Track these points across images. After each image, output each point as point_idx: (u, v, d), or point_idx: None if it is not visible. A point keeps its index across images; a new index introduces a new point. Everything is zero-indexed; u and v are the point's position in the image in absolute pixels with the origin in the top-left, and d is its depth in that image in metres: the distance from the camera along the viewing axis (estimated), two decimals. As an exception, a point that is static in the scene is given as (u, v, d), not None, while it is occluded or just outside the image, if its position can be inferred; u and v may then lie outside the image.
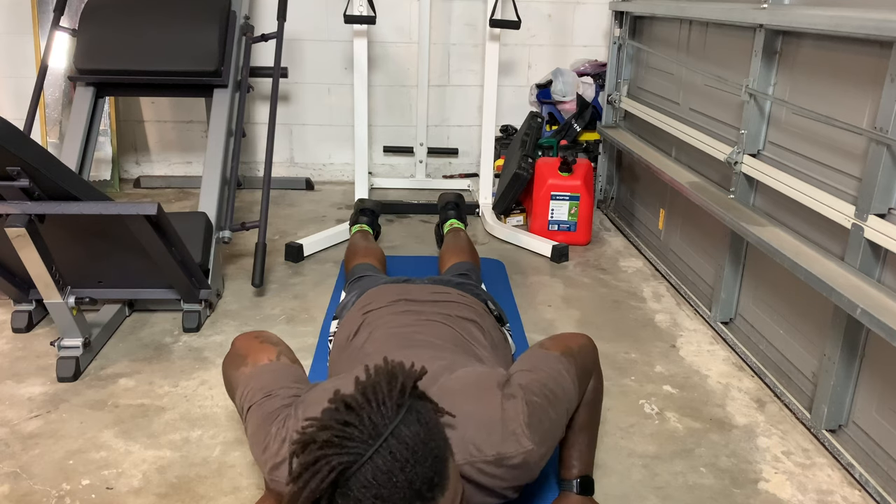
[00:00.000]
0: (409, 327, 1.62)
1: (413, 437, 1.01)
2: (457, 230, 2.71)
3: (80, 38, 2.76)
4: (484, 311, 1.81)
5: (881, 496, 1.60)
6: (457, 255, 2.43)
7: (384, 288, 1.85)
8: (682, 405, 1.96)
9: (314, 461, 1.00)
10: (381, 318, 1.68)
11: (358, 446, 0.99)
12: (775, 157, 2.12)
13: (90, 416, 1.85)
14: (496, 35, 3.25)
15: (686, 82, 2.74)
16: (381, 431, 1.00)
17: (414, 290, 1.82)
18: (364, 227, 2.78)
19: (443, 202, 2.95)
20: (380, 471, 0.98)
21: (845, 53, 1.81)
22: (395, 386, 1.06)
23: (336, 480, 0.99)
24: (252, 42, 2.87)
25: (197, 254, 2.29)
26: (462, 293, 1.83)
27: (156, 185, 3.87)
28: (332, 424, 1.02)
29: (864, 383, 1.74)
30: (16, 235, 1.77)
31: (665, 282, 2.79)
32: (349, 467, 0.99)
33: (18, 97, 3.74)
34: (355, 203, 3.02)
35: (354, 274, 2.23)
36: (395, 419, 1.01)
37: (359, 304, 1.82)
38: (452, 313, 1.70)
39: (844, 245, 1.76)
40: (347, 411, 1.03)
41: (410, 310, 1.70)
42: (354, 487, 0.98)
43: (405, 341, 1.55)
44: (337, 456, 0.99)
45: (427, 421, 1.05)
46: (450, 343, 1.56)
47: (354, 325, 1.71)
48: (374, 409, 1.02)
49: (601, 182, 3.66)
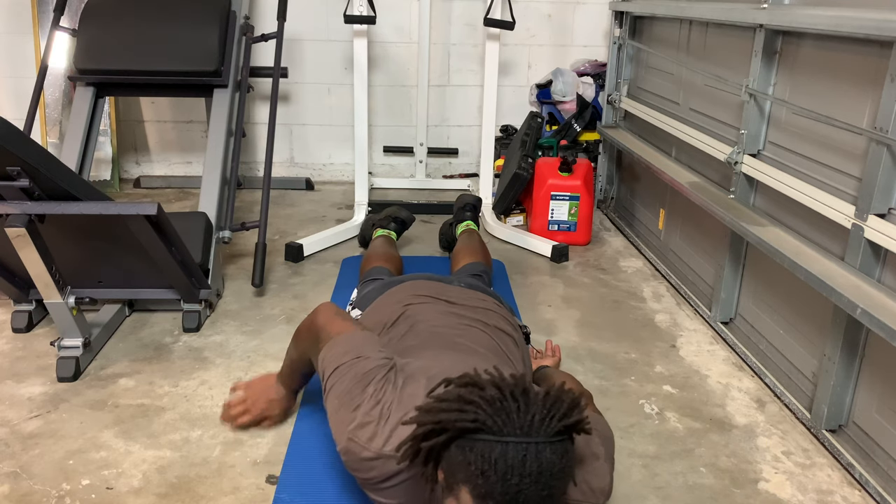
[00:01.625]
0: (451, 329, 1.60)
1: (548, 462, 1.02)
2: (471, 231, 2.69)
3: (80, 38, 2.76)
4: (517, 325, 1.81)
5: (881, 496, 1.60)
6: (471, 256, 2.42)
7: (422, 283, 1.84)
8: (682, 405, 1.96)
9: (469, 401, 1.04)
10: (424, 314, 1.66)
11: (507, 426, 1.02)
12: (775, 157, 2.12)
13: (90, 416, 1.85)
14: (496, 35, 3.25)
15: (686, 82, 2.74)
16: (531, 434, 1.02)
17: (453, 292, 1.80)
18: (391, 233, 2.73)
19: (461, 203, 2.89)
20: (504, 459, 1.00)
21: (845, 53, 1.81)
22: (570, 415, 1.07)
23: (469, 430, 1.02)
24: (252, 42, 2.87)
25: (197, 254, 2.29)
26: (498, 303, 1.83)
27: (156, 185, 3.87)
28: (504, 390, 1.06)
29: (864, 383, 1.74)
30: (16, 235, 1.77)
31: (665, 282, 2.79)
32: (486, 432, 1.02)
33: (18, 97, 3.74)
34: (391, 208, 2.87)
35: (371, 276, 2.22)
36: (548, 437, 1.03)
37: (396, 294, 1.79)
38: (490, 322, 1.69)
39: (844, 245, 1.76)
40: (523, 395, 1.06)
41: (452, 311, 1.69)
42: (475, 450, 1.02)
43: (447, 343, 1.54)
44: (486, 415, 1.03)
45: (567, 463, 1.06)
46: (490, 352, 1.55)
47: (393, 314, 1.69)
48: (542, 415, 1.04)
49: (601, 182, 3.66)
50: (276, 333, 2.29)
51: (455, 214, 2.90)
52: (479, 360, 1.46)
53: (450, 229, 2.90)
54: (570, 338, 2.32)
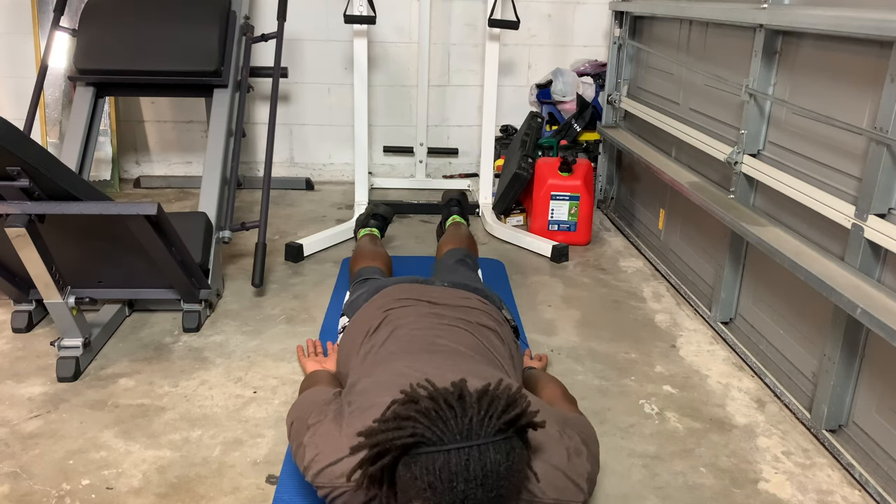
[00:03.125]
0: (432, 330, 1.61)
1: (492, 464, 1.02)
2: (458, 223, 2.71)
3: (80, 38, 2.76)
4: (502, 319, 1.82)
5: (881, 496, 1.60)
6: (454, 242, 2.44)
7: (404, 287, 1.85)
8: (682, 405, 1.96)
9: (405, 417, 1.05)
10: (404, 318, 1.67)
11: (446, 434, 1.02)
12: (775, 157, 2.12)
13: (90, 416, 1.85)
14: (496, 35, 3.25)
15: (686, 82, 2.74)
16: (471, 438, 1.02)
17: (435, 292, 1.81)
18: (374, 230, 2.76)
19: (446, 199, 2.94)
20: (448, 467, 1.01)
21: (845, 53, 1.81)
22: (510, 412, 1.07)
23: (409, 446, 1.03)
24: (252, 42, 2.87)
25: (197, 254, 2.29)
26: (482, 300, 1.83)
27: (156, 185, 3.87)
28: (439, 400, 1.06)
29: (864, 383, 1.74)
30: (16, 235, 1.77)
31: (665, 282, 2.79)
32: (427, 444, 1.02)
33: (18, 97, 3.74)
34: (367, 206, 2.96)
35: (360, 276, 2.22)
36: (489, 438, 1.03)
37: (377, 301, 1.81)
38: (473, 320, 1.70)
39: (844, 245, 1.76)
40: (458, 400, 1.06)
41: (433, 312, 1.70)
42: (419, 464, 1.02)
43: (428, 345, 1.55)
44: (424, 427, 1.03)
45: (514, 459, 1.05)
46: (472, 351, 1.56)
47: (374, 320, 1.70)
48: (479, 416, 1.04)
49: (601, 182, 3.66)
50: (276, 333, 2.29)
51: (442, 211, 2.93)
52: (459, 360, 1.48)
53: (440, 226, 2.93)
54: (570, 338, 2.32)
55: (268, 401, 1.93)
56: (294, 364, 2.11)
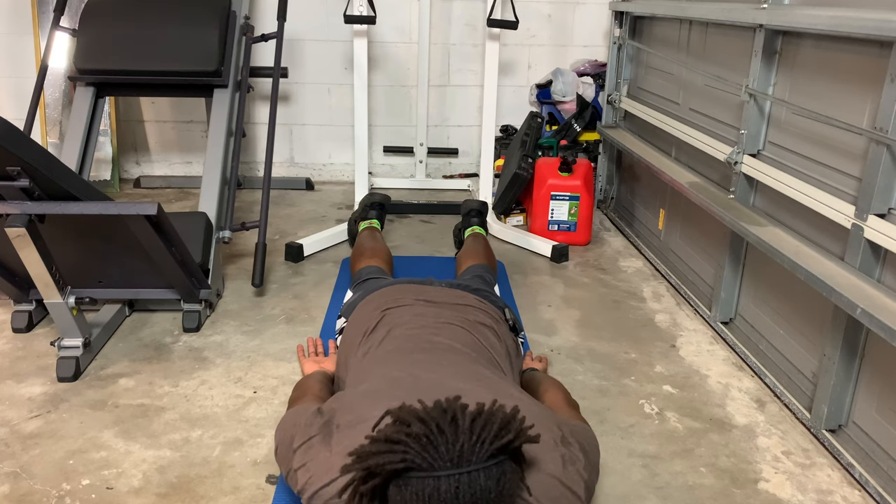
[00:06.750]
0: (429, 328, 1.62)
1: (483, 490, 1.01)
2: (477, 234, 2.71)
3: (80, 38, 2.76)
4: (500, 318, 1.82)
5: (881, 496, 1.60)
6: (474, 258, 2.43)
7: (402, 287, 1.85)
8: (682, 405, 1.97)
9: (396, 441, 1.03)
10: (401, 318, 1.68)
11: (437, 460, 1.01)
12: (775, 157, 2.12)
13: (90, 416, 1.85)
14: (496, 35, 3.25)
15: (686, 82, 2.74)
16: (461, 465, 1.01)
17: (432, 291, 1.82)
18: (374, 222, 2.74)
19: (466, 209, 2.92)
20: (437, 494, 0.99)
21: (845, 53, 1.81)
22: (503, 437, 1.04)
23: (401, 471, 1.01)
24: (252, 42, 2.87)
25: (197, 254, 2.29)
26: (479, 299, 1.84)
27: (156, 185, 3.87)
28: (430, 425, 1.04)
29: (864, 383, 1.74)
30: (16, 235, 1.77)
31: (665, 282, 2.79)
32: (417, 470, 1.01)
33: (18, 97, 3.74)
34: (363, 197, 2.94)
35: (361, 276, 2.22)
36: (480, 464, 1.01)
37: (375, 301, 1.81)
38: (470, 318, 1.70)
39: (844, 245, 1.76)
40: (451, 424, 1.04)
41: (430, 311, 1.70)
42: (409, 489, 1.01)
43: (425, 343, 1.55)
44: (415, 453, 1.02)
45: (505, 485, 1.04)
46: (469, 348, 1.56)
47: (372, 321, 1.71)
48: (471, 442, 1.02)
49: (601, 182, 3.66)
50: (276, 333, 2.29)
51: (462, 220, 2.93)
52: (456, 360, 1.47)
53: (460, 233, 2.94)
54: (570, 338, 2.32)
55: (268, 401, 1.93)
56: (294, 364, 2.11)
